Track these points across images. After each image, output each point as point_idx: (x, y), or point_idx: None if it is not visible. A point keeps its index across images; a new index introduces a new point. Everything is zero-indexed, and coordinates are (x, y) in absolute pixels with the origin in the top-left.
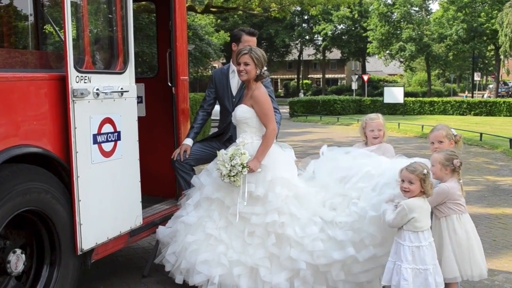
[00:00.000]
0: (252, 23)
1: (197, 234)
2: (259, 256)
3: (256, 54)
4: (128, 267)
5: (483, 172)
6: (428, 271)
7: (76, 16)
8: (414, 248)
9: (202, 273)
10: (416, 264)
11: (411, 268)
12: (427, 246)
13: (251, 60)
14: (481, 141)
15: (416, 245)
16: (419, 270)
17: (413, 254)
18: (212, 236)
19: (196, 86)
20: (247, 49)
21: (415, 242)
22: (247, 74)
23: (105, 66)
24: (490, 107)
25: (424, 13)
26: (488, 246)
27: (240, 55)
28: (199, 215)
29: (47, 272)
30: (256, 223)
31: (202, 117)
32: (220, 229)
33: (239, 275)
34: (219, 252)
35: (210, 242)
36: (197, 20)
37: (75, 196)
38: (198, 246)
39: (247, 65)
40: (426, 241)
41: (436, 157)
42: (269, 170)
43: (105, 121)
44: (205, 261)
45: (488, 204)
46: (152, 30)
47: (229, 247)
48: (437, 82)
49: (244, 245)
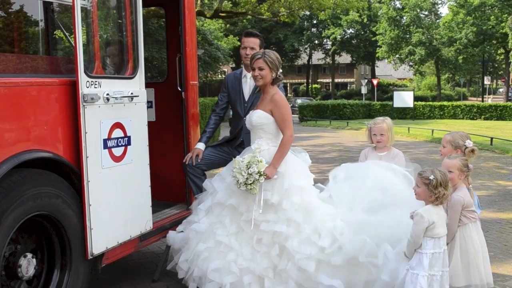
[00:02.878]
0: (261, 27)
1: (208, 241)
2: (264, 266)
3: (270, 58)
4: (138, 272)
5: (494, 177)
6: (435, 277)
7: (86, 22)
8: (430, 254)
9: (214, 281)
10: (432, 270)
11: (427, 276)
12: (442, 252)
13: (265, 64)
14: (491, 146)
15: (436, 251)
16: (431, 277)
17: (430, 261)
18: (223, 243)
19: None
20: (260, 53)
21: (435, 249)
22: (262, 79)
23: (115, 71)
24: (500, 111)
25: (434, 17)
26: (499, 251)
27: (254, 60)
28: (210, 221)
29: (57, 276)
30: (264, 230)
31: (214, 121)
32: (231, 236)
33: (250, 283)
34: (229, 260)
35: (221, 249)
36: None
37: (85, 200)
38: (209, 253)
39: (261, 69)
40: (442, 248)
41: (454, 163)
42: (286, 177)
43: (115, 126)
44: (216, 269)
45: (499, 209)
46: (162, 35)
47: (239, 254)
48: (447, 86)
49: (253, 252)
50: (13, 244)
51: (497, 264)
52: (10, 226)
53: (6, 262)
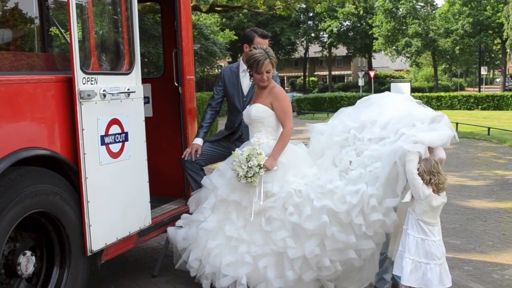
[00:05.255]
0: (257, 21)
1: (218, 238)
2: (281, 237)
3: (274, 58)
4: (138, 267)
5: (492, 167)
6: (429, 266)
7: (81, 18)
8: (419, 240)
9: (228, 275)
10: (419, 257)
11: (411, 259)
12: (433, 242)
13: (272, 66)
14: (489, 136)
15: (421, 237)
16: (420, 263)
17: (417, 246)
18: (233, 238)
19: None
20: (265, 55)
21: (421, 234)
22: (268, 80)
23: (111, 67)
24: (497, 101)
25: (430, 8)
26: (497, 240)
27: (263, 64)
28: (217, 219)
29: (57, 273)
30: (272, 206)
31: (210, 115)
32: (239, 229)
33: (265, 266)
34: (242, 252)
35: (232, 244)
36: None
37: (83, 197)
38: (221, 250)
39: (269, 72)
40: (435, 237)
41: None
42: (287, 167)
43: (113, 122)
44: (229, 263)
45: (497, 198)
46: (158, 31)
47: (250, 244)
48: (444, 77)
49: (264, 236)
50: (12, 242)
51: (495, 253)
52: (8, 224)
53: (5, 260)
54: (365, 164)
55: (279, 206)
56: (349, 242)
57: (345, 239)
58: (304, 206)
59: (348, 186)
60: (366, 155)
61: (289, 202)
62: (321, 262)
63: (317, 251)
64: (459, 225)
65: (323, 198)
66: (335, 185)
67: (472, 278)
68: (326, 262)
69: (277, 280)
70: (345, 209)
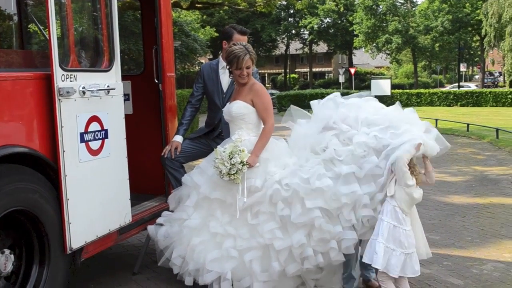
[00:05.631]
0: (238, 18)
1: (202, 235)
2: (269, 229)
3: (254, 54)
4: (119, 265)
5: (471, 163)
6: (395, 252)
7: (60, 15)
8: (391, 226)
9: (213, 271)
10: (388, 242)
11: (384, 244)
12: (404, 230)
13: (252, 62)
14: (468, 132)
15: (394, 224)
16: (388, 249)
17: (389, 231)
18: (218, 234)
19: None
20: (245, 51)
21: (394, 221)
22: (248, 76)
23: (90, 64)
24: (476, 97)
25: (410, 5)
26: (476, 235)
27: (243, 60)
28: (201, 216)
29: (36, 272)
30: (259, 201)
31: (190, 113)
32: (225, 225)
33: (251, 260)
34: (227, 247)
35: (217, 240)
36: (182, 16)
37: (63, 195)
38: (205, 246)
39: (249, 67)
40: (407, 226)
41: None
42: (269, 161)
43: (92, 120)
44: (214, 259)
45: (476, 194)
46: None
47: (237, 238)
48: (424, 73)
49: (251, 229)
50: None
51: (474, 248)
52: None
53: None
54: (356, 154)
55: (267, 201)
56: (335, 232)
57: (332, 229)
58: (295, 203)
59: (340, 186)
60: (358, 143)
61: (277, 197)
62: (304, 252)
63: (303, 240)
64: (439, 220)
65: (314, 199)
66: (325, 184)
67: (451, 273)
68: (309, 251)
69: (263, 274)
70: (337, 207)
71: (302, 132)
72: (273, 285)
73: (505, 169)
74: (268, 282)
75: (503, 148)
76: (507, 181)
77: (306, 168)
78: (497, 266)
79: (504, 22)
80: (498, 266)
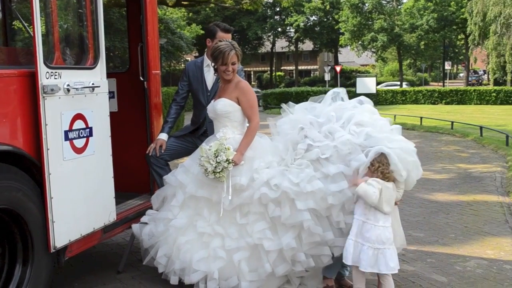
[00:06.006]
0: (224, 16)
1: (188, 234)
2: (259, 229)
3: (239, 51)
4: (103, 264)
5: (455, 160)
6: (364, 247)
7: (45, 12)
8: (360, 222)
9: (199, 270)
10: (357, 237)
11: (353, 240)
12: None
13: (237, 58)
14: (452, 130)
15: (363, 220)
16: (357, 243)
17: (358, 227)
18: (205, 234)
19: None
20: (231, 46)
21: (363, 217)
22: (233, 72)
23: (75, 61)
24: (461, 95)
25: (395, 4)
26: (460, 232)
27: (228, 55)
28: (187, 215)
29: (19, 271)
30: (248, 202)
31: (175, 110)
32: (213, 224)
33: (239, 260)
34: (214, 247)
35: (204, 240)
36: (168, 13)
37: (47, 193)
38: (192, 245)
39: (234, 64)
40: (377, 222)
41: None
42: (255, 159)
43: (77, 117)
44: (201, 259)
45: (460, 191)
46: (123, 25)
47: (225, 237)
48: (409, 71)
49: (240, 229)
50: None
51: (457, 245)
52: None
53: None
54: (342, 153)
55: (256, 202)
56: (326, 238)
57: (321, 232)
58: (284, 204)
59: (329, 184)
60: (342, 141)
61: (266, 199)
62: (296, 256)
63: (293, 244)
64: (423, 218)
65: (305, 200)
66: (316, 187)
67: (435, 270)
68: (302, 257)
69: (250, 273)
70: (326, 207)
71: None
72: (259, 284)
73: (489, 166)
74: (255, 281)
75: (487, 146)
76: (491, 179)
77: (295, 171)
78: (480, 263)
79: (489, 20)
80: (481, 263)
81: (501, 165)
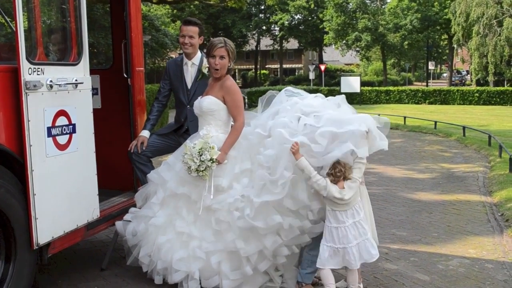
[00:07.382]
0: (208, 13)
1: (168, 233)
2: (230, 239)
3: (231, 47)
4: (86, 261)
5: (438, 160)
6: (346, 249)
7: (28, 7)
8: (333, 228)
9: (180, 270)
10: (335, 243)
11: (328, 246)
12: (346, 227)
13: (227, 53)
14: (435, 129)
15: (334, 226)
16: (337, 249)
17: (331, 234)
18: (184, 233)
19: (153, 77)
20: (222, 41)
21: (333, 223)
22: (220, 69)
23: (58, 57)
24: (444, 95)
25: (379, 3)
26: (442, 231)
27: (216, 48)
28: (167, 214)
29: (2, 267)
30: (218, 208)
31: (157, 108)
32: (190, 225)
33: (219, 261)
34: (193, 247)
35: (183, 239)
36: (153, 10)
37: (29, 190)
38: (172, 244)
39: (222, 58)
40: (348, 221)
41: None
42: (237, 162)
43: (60, 114)
44: (181, 258)
45: (443, 191)
46: (107, 21)
47: (201, 240)
48: (393, 71)
49: (215, 234)
50: None
51: (440, 244)
52: None
53: None
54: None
55: (225, 209)
56: (305, 227)
57: (300, 224)
58: (245, 208)
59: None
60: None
61: (234, 206)
62: (279, 251)
63: (279, 241)
64: (406, 217)
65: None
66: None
67: (418, 269)
68: (285, 251)
69: (232, 272)
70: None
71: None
72: (241, 281)
73: (471, 166)
74: (237, 279)
75: (470, 145)
76: (473, 179)
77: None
78: (463, 262)
79: (472, 21)
80: (463, 262)
81: (483, 165)
